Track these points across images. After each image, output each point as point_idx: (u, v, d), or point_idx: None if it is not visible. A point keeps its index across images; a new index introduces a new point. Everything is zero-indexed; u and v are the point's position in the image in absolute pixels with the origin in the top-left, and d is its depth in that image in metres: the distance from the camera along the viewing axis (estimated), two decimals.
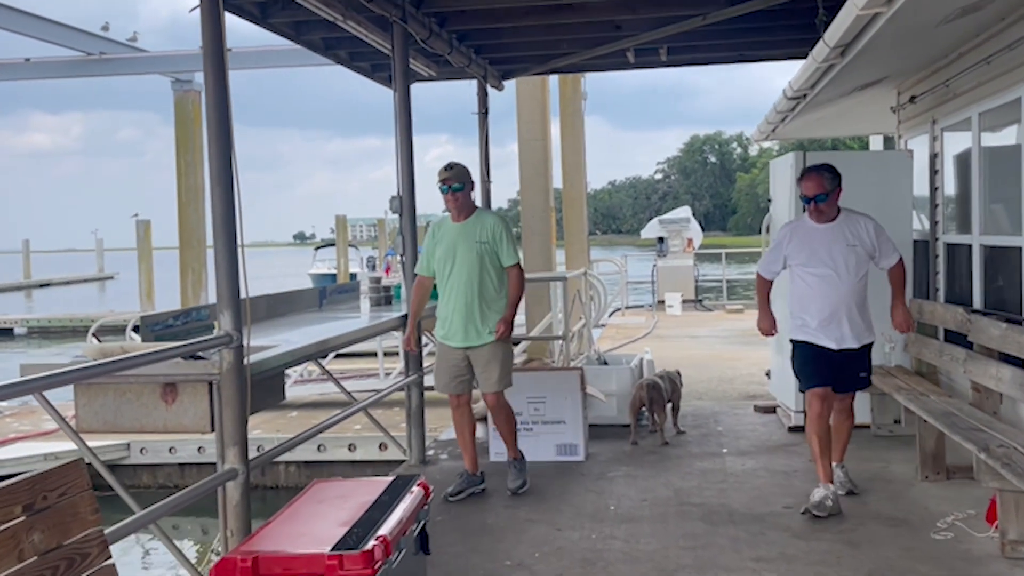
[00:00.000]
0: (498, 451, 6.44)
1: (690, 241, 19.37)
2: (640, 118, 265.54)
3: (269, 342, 4.99)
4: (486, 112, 8.82)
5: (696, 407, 8.26)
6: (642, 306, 19.51)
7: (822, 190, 5.11)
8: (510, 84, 10.21)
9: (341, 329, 5.82)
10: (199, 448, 10.18)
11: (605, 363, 8.09)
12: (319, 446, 10.03)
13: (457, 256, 5.44)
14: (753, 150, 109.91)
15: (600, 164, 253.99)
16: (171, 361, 3.92)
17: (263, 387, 4.34)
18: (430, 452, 6.80)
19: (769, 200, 7.71)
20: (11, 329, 30.59)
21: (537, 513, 5.26)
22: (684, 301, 17.94)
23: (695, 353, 12.22)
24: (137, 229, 29.85)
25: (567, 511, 5.26)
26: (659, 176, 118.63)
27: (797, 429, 7.00)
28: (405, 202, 6.44)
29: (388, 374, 11.31)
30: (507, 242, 5.47)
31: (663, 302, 18.06)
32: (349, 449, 10.17)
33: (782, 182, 7.25)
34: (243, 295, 4.01)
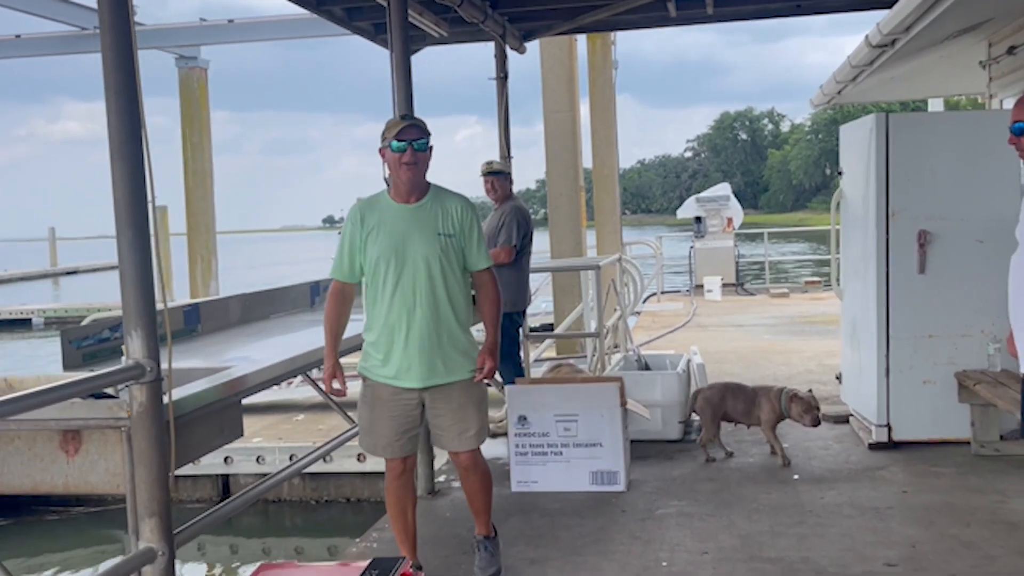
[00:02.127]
0: (522, 479, 5.37)
1: (730, 220, 18.09)
2: (669, 96, 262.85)
3: (224, 362, 3.93)
4: (505, 76, 7.69)
5: None
6: (679, 291, 18.31)
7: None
8: (533, 48, 9.06)
9: None
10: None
11: (647, 366, 6.97)
12: (326, 457, 8.98)
13: (408, 254, 3.73)
14: (785, 126, 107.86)
15: (629, 143, 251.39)
16: (70, 401, 2.86)
17: (201, 429, 3.26)
18: (440, 479, 5.71)
19: (840, 172, 6.52)
20: (29, 319, 29.94)
21: (568, 572, 4.16)
22: (724, 285, 16.72)
23: (741, 345, 11.03)
24: (153, 215, 28.91)
25: (607, 569, 4.15)
26: (689, 154, 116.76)
27: (880, 446, 5.85)
28: None
29: None
30: (479, 236, 3.88)
31: (701, 286, 16.86)
32: (359, 460, 9.12)
33: (857, 149, 6.06)
34: (160, 306, 2.92)
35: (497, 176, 6.71)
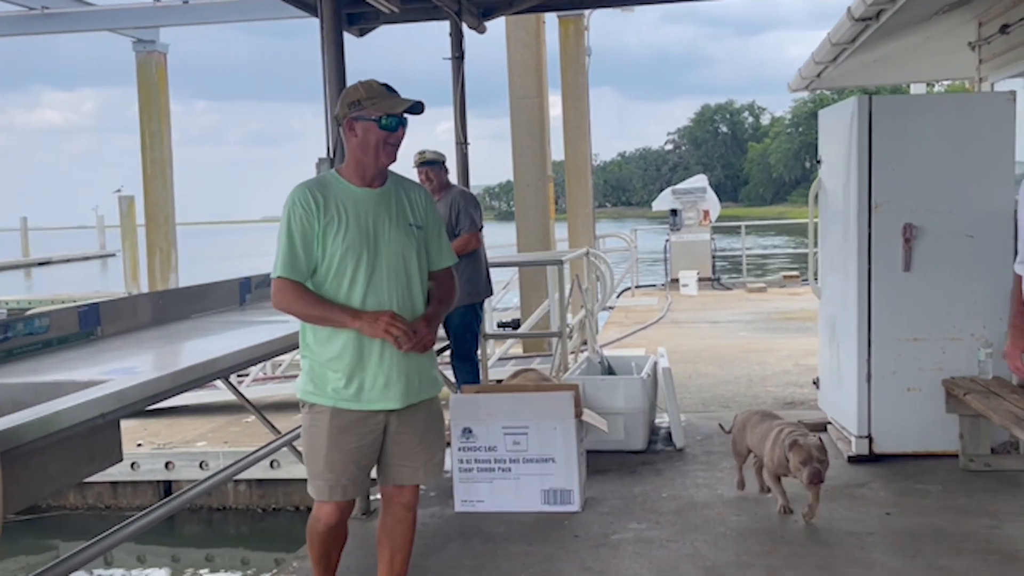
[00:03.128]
0: (466, 498, 4.85)
1: (706, 213, 17.61)
2: (649, 88, 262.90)
3: (110, 372, 3.38)
4: (461, 56, 7.16)
5: (724, 420, 6.61)
6: (654, 285, 17.85)
7: None
8: (498, 30, 8.53)
9: (248, 341, 4.18)
10: (132, 464, 8.65)
11: (610, 369, 6.46)
12: (272, 462, 8.47)
13: (383, 247, 3.14)
14: (765, 119, 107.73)
15: (609, 135, 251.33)
16: None
17: (56, 459, 2.72)
18: (376, 497, 5.18)
19: (818, 161, 6.03)
20: None
21: None
22: (700, 279, 16.27)
23: (716, 343, 10.56)
24: (120, 205, 28.27)
25: None
26: (669, 147, 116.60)
27: (860, 460, 5.36)
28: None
29: None
30: (441, 230, 3.38)
31: (677, 280, 16.40)
32: None
33: (838, 136, 5.57)
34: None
35: (431, 166, 6.32)
